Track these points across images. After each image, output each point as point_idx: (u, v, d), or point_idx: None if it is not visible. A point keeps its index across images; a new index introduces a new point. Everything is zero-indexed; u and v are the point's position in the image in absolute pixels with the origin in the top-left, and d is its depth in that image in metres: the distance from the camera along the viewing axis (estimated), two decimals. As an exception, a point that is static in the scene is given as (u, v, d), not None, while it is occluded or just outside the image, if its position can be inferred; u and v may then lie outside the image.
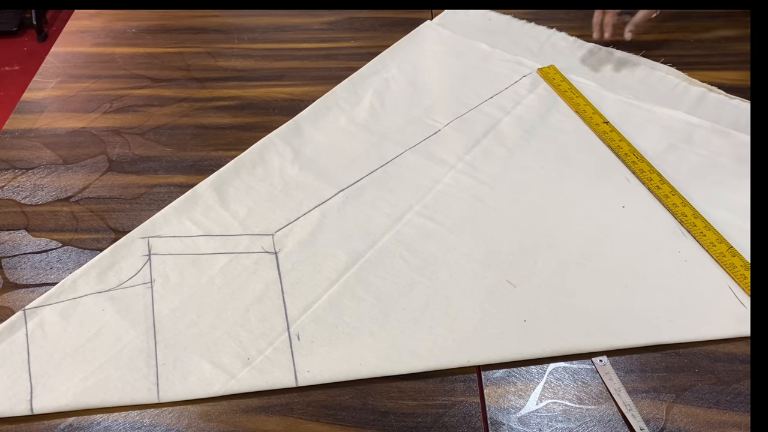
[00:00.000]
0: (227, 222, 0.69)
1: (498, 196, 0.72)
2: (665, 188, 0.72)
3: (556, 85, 0.87)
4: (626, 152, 0.77)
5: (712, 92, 0.85)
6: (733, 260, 0.64)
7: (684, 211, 0.69)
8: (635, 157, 0.76)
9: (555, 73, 0.89)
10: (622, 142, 0.78)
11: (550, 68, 0.90)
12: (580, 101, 0.84)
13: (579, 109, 0.83)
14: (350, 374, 0.56)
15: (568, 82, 0.87)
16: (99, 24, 1.02)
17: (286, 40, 0.99)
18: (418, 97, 0.86)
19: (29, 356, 0.57)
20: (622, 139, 0.78)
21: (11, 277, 0.65)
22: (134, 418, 0.54)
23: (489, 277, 0.64)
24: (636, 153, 0.76)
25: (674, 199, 0.70)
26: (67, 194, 0.73)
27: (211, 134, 0.82)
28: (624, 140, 0.78)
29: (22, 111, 0.85)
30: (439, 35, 0.98)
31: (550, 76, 0.88)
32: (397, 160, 0.77)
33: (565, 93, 0.86)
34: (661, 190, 0.72)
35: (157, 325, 0.60)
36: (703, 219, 0.68)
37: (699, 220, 0.68)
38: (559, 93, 0.86)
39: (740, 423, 0.53)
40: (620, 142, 0.78)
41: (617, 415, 0.54)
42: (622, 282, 0.63)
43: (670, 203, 0.70)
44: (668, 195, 0.71)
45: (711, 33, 0.98)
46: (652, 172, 0.74)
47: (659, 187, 0.72)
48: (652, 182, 0.73)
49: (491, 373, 0.57)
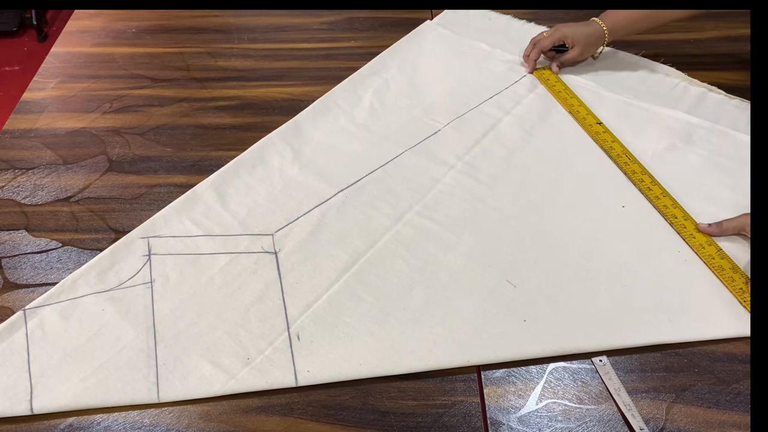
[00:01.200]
0: (227, 222, 0.69)
1: (498, 196, 0.72)
2: (656, 190, 0.72)
3: (551, 86, 0.87)
4: (618, 153, 0.77)
5: (712, 92, 0.85)
6: (722, 263, 0.64)
7: (675, 213, 0.69)
8: (627, 158, 0.76)
9: (550, 75, 0.89)
10: (615, 143, 0.78)
11: (546, 70, 0.90)
12: (574, 102, 0.84)
13: (573, 110, 0.83)
14: (350, 374, 0.56)
15: (562, 83, 0.87)
16: (99, 24, 1.02)
17: (286, 40, 0.99)
18: (418, 97, 0.86)
19: (29, 356, 0.57)
20: (615, 140, 0.78)
21: (11, 277, 0.65)
22: (134, 418, 0.54)
23: (489, 277, 0.64)
24: (628, 154, 0.76)
25: (665, 201, 0.71)
26: (67, 194, 0.73)
27: (211, 134, 0.82)
28: (617, 141, 0.78)
29: (22, 111, 0.85)
30: (439, 35, 0.98)
31: (545, 77, 0.89)
32: (397, 160, 0.77)
33: (559, 94, 0.86)
34: (652, 191, 0.72)
35: (157, 325, 0.59)
36: (693, 221, 0.68)
37: (689, 222, 0.68)
38: (554, 94, 0.86)
39: (740, 423, 0.53)
40: (613, 143, 0.78)
41: (617, 415, 0.54)
42: (621, 282, 0.63)
43: (661, 204, 0.70)
44: (659, 197, 0.71)
45: (711, 33, 0.98)
46: (644, 173, 0.74)
47: (650, 188, 0.72)
48: (644, 183, 0.73)
49: (491, 373, 0.57)
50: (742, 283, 0.62)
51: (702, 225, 0.67)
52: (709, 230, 0.67)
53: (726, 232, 0.66)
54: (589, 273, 0.64)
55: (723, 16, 1.01)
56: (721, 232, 0.66)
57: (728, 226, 0.66)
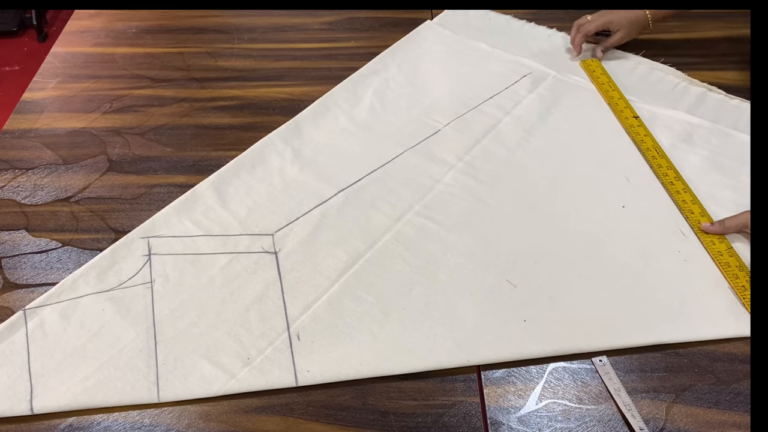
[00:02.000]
0: (227, 222, 0.69)
1: (498, 196, 0.72)
2: (678, 185, 0.73)
3: (596, 77, 0.89)
4: (648, 147, 0.78)
5: (712, 92, 0.86)
6: (730, 260, 0.64)
7: (692, 209, 0.70)
8: (656, 152, 0.77)
9: (596, 66, 0.91)
10: (647, 137, 0.79)
11: (593, 61, 0.91)
12: (615, 94, 0.86)
13: (612, 102, 0.85)
14: (350, 374, 0.56)
15: (607, 76, 0.89)
16: (99, 24, 1.02)
17: (286, 40, 0.99)
18: (418, 97, 0.86)
19: (29, 356, 0.57)
20: (648, 134, 0.80)
21: (11, 277, 0.65)
22: (134, 418, 0.54)
23: (489, 277, 0.64)
24: (658, 149, 0.78)
25: (685, 196, 0.71)
26: (67, 194, 0.73)
27: (211, 134, 0.82)
28: (649, 135, 0.79)
29: (22, 111, 0.85)
30: (439, 35, 0.98)
31: (591, 68, 0.90)
32: (397, 160, 0.77)
33: (602, 86, 0.87)
34: (674, 186, 0.73)
35: (157, 325, 0.60)
36: (710, 217, 0.69)
37: (705, 218, 0.69)
38: (597, 85, 0.88)
39: (740, 423, 0.53)
40: (645, 137, 0.79)
41: (617, 415, 0.54)
42: (621, 282, 0.63)
43: (680, 199, 0.71)
44: (680, 191, 0.72)
45: (711, 33, 0.98)
46: (669, 168, 0.75)
47: (673, 183, 0.73)
48: (668, 178, 0.74)
49: (491, 373, 0.57)
50: (745, 281, 0.62)
51: (704, 225, 0.67)
52: (712, 229, 0.67)
53: (729, 230, 0.66)
54: (590, 273, 0.64)
55: (723, 16, 1.01)
56: (723, 230, 0.66)
57: (731, 224, 0.66)
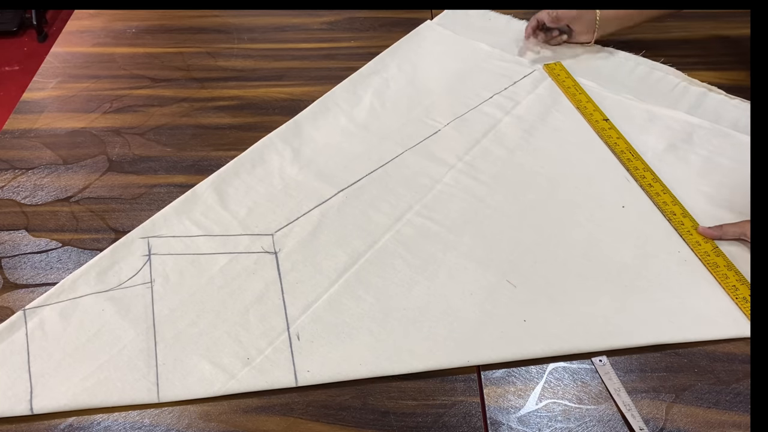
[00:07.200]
0: (227, 222, 0.69)
1: (498, 196, 0.72)
2: (657, 187, 0.72)
3: (561, 81, 0.87)
4: (622, 149, 0.77)
5: (712, 92, 0.85)
6: (717, 260, 0.64)
7: (674, 210, 0.70)
8: (630, 155, 0.76)
9: (560, 70, 0.89)
10: (620, 139, 0.78)
11: (557, 65, 0.90)
12: (582, 98, 0.85)
13: (580, 106, 0.83)
14: (350, 374, 0.56)
15: (572, 79, 0.88)
16: (99, 24, 1.02)
17: (286, 40, 0.99)
18: (418, 97, 0.86)
19: (29, 356, 0.57)
20: (620, 136, 0.79)
21: (11, 277, 0.65)
22: (134, 418, 0.54)
23: (489, 277, 0.64)
24: (632, 151, 0.77)
25: (665, 198, 0.71)
26: (67, 194, 0.73)
27: (211, 134, 0.82)
28: (622, 138, 0.79)
29: (22, 111, 0.85)
30: (439, 35, 0.98)
31: (555, 72, 0.89)
32: (397, 160, 0.77)
33: (568, 89, 0.86)
34: (653, 188, 0.72)
35: (157, 325, 0.60)
36: (692, 218, 0.69)
37: (687, 219, 0.68)
38: (563, 89, 0.86)
39: (740, 423, 0.53)
40: (618, 140, 0.78)
41: (617, 415, 0.54)
42: (621, 282, 0.63)
43: (661, 201, 0.71)
44: (659, 193, 0.71)
45: (711, 33, 0.98)
46: (646, 170, 0.74)
47: (651, 185, 0.73)
48: (645, 180, 0.73)
49: (491, 373, 0.57)
50: (735, 281, 0.62)
51: (702, 228, 0.67)
52: (710, 233, 0.67)
53: (726, 235, 0.66)
54: (590, 273, 0.64)
55: (723, 16, 1.01)
56: (721, 235, 0.66)
57: (729, 231, 0.66)
